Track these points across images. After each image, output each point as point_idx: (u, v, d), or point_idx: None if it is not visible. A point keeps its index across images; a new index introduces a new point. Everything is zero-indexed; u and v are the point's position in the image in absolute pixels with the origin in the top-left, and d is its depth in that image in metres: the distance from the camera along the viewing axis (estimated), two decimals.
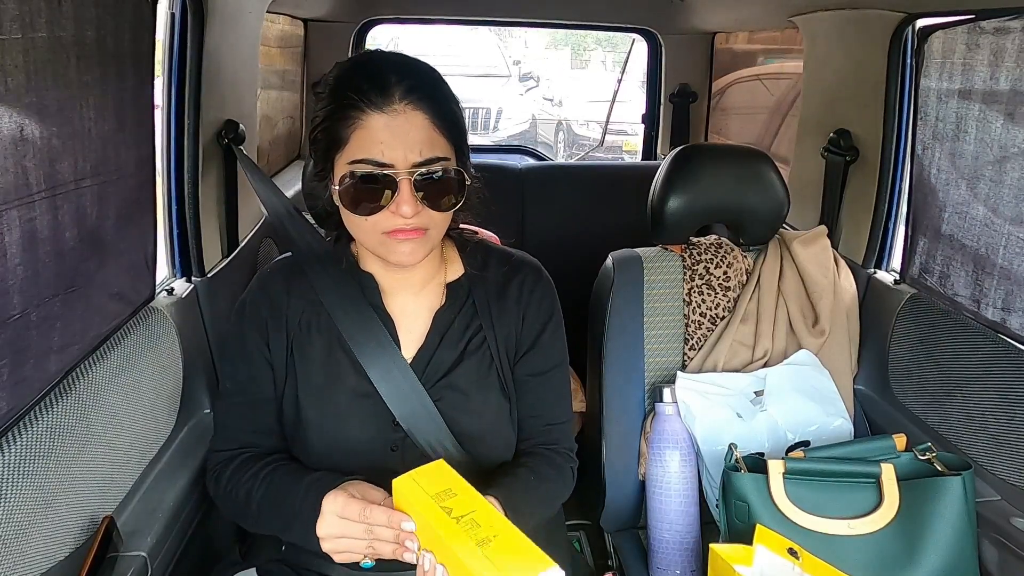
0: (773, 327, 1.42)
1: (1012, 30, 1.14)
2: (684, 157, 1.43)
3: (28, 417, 0.86)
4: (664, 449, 1.29)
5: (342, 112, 0.93)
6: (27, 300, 0.82)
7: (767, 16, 2.19)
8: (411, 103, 0.93)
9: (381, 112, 0.92)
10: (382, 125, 0.92)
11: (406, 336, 1.07)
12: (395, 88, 0.93)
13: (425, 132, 0.94)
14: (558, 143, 8.55)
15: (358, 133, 0.93)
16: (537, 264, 1.15)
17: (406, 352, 1.05)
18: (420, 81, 0.95)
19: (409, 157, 0.93)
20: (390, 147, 0.92)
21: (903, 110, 1.50)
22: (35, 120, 0.81)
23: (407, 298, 1.08)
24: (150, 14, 1.09)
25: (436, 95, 0.96)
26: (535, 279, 1.12)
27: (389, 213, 0.94)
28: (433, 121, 0.94)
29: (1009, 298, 1.18)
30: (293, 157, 2.58)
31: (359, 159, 0.93)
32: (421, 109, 0.93)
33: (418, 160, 0.93)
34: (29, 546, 0.84)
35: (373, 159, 0.92)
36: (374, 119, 0.92)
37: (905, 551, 1.07)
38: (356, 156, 0.93)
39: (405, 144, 0.92)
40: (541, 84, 10.54)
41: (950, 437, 1.28)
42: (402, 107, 0.92)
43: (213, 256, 1.47)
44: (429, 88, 0.96)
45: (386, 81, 0.93)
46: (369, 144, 0.92)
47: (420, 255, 0.99)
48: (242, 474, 1.03)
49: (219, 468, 1.07)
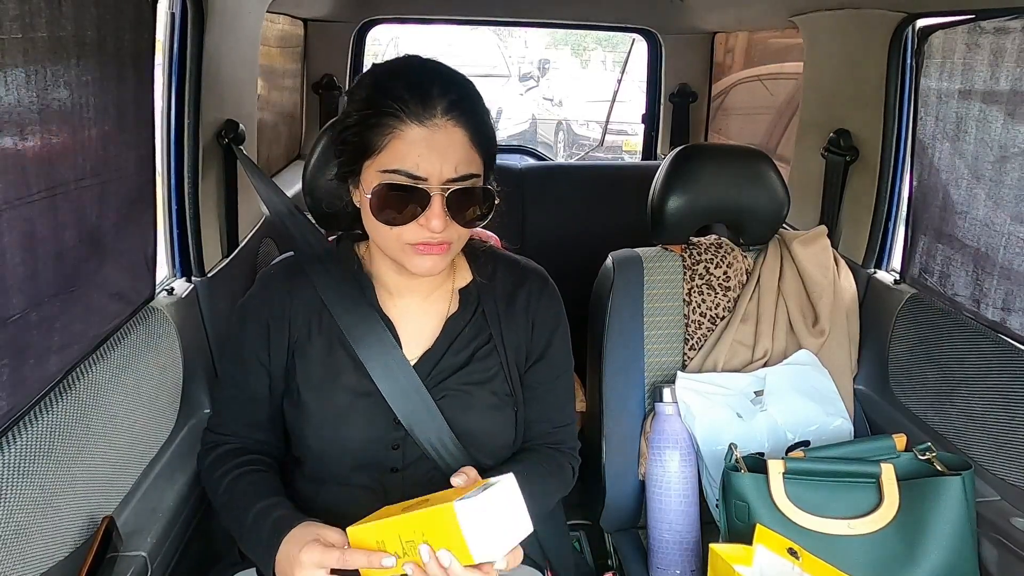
0: (773, 327, 1.42)
1: (1012, 30, 1.14)
2: (684, 157, 1.43)
3: (28, 417, 0.85)
4: (664, 449, 1.29)
5: (379, 119, 0.91)
6: (27, 300, 0.82)
7: (767, 16, 2.19)
8: (452, 119, 0.91)
9: (421, 125, 0.90)
10: (421, 138, 0.90)
11: (409, 338, 1.06)
12: (438, 101, 0.91)
13: (463, 150, 0.92)
14: (558, 143, 8.55)
15: (394, 143, 0.91)
16: (543, 272, 1.15)
17: (409, 353, 1.05)
18: (462, 96, 0.93)
19: (444, 172, 0.91)
20: (427, 160, 0.90)
21: (903, 110, 1.50)
22: (35, 120, 0.81)
23: (415, 301, 1.08)
24: (150, 14, 1.09)
25: (476, 111, 0.95)
26: (542, 288, 1.12)
27: (417, 226, 0.93)
28: (471, 138, 0.93)
29: (1009, 298, 1.18)
30: (293, 157, 2.58)
31: (393, 169, 0.91)
32: (461, 125, 0.92)
33: (453, 176, 0.92)
34: (29, 546, 0.84)
35: (408, 171, 0.91)
36: (413, 131, 0.90)
37: (905, 551, 1.07)
38: (390, 166, 0.91)
39: (442, 159, 0.91)
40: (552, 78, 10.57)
41: (950, 437, 1.28)
42: (443, 122, 0.91)
43: (213, 256, 1.47)
44: (471, 104, 0.94)
45: (429, 93, 0.91)
46: (405, 155, 0.91)
47: (440, 268, 0.99)
48: (217, 466, 1.06)
49: (207, 450, 1.10)
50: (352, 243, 1.11)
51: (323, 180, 1.20)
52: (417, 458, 1.03)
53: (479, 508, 0.77)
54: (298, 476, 1.09)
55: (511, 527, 0.79)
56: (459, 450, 1.03)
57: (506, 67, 9.81)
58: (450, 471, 1.02)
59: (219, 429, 1.11)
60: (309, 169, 1.21)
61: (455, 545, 0.77)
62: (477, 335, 1.08)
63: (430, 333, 1.07)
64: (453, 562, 0.79)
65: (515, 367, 1.09)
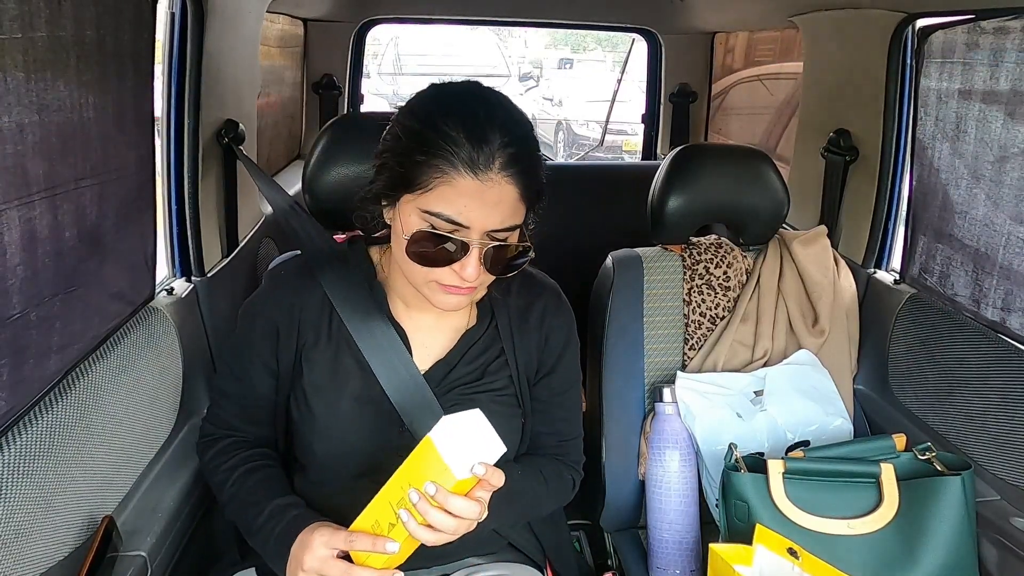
0: (773, 327, 1.42)
1: (1012, 30, 1.14)
2: (684, 157, 1.43)
3: (28, 417, 0.86)
4: (664, 449, 1.29)
5: (428, 158, 0.86)
6: (27, 300, 0.82)
7: (767, 16, 2.19)
8: (508, 176, 0.87)
9: (475, 178, 0.86)
10: (472, 190, 0.86)
11: (421, 348, 1.06)
12: (496, 155, 0.86)
13: (512, 205, 0.89)
14: (558, 143, 8.56)
15: (443, 188, 0.86)
16: (557, 288, 1.15)
17: (420, 363, 1.04)
18: (521, 150, 0.88)
19: (488, 223, 0.88)
20: (473, 212, 0.87)
21: (903, 110, 1.50)
22: (35, 120, 0.81)
23: (431, 316, 1.07)
24: (150, 14, 1.09)
25: (531, 169, 0.90)
26: (557, 304, 1.12)
27: (450, 271, 0.91)
28: (522, 195, 0.90)
29: (1009, 298, 1.18)
30: (293, 157, 2.58)
31: (436, 212, 0.87)
32: (515, 183, 0.88)
33: (496, 228, 0.89)
34: (29, 546, 0.84)
35: (451, 218, 0.87)
36: (465, 182, 0.86)
37: (905, 551, 1.07)
38: (434, 208, 0.87)
39: (488, 213, 0.87)
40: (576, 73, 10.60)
41: (950, 437, 1.28)
42: (498, 177, 0.86)
43: (213, 256, 1.47)
44: (528, 159, 0.90)
45: (488, 142, 0.86)
46: (451, 201, 0.87)
47: (464, 305, 0.99)
48: (222, 459, 1.06)
49: (206, 444, 1.10)
50: (367, 246, 1.08)
51: (323, 180, 1.20)
52: None
53: (449, 427, 0.81)
54: (301, 479, 1.08)
55: (484, 445, 0.82)
56: None
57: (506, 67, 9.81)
58: None
59: (218, 423, 1.10)
60: (309, 169, 1.21)
61: (436, 473, 0.81)
62: (489, 348, 1.07)
63: (443, 345, 1.07)
64: (439, 490, 0.80)
65: (525, 380, 1.09)
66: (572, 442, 1.16)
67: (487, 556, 1.14)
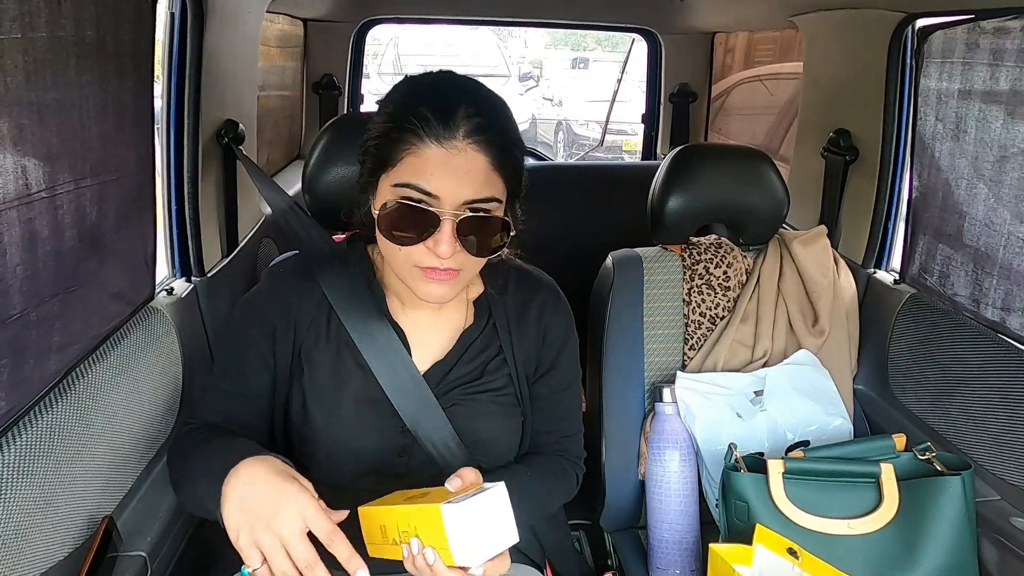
0: (773, 327, 1.42)
1: (1012, 30, 1.14)
2: (684, 157, 1.43)
3: (28, 417, 0.86)
4: (664, 449, 1.29)
5: (399, 134, 0.89)
6: (27, 300, 0.82)
7: (767, 16, 2.19)
8: (474, 143, 0.88)
9: (440, 146, 0.87)
10: (438, 159, 0.87)
11: (421, 348, 1.05)
12: (461, 123, 0.87)
13: (482, 174, 0.89)
14: (558, 143, 8.56)
15: (411, 158, 0.88)
16: (554, 284, 1.15)
17: (420, 364, 1.04)
18: (489, 121, 0.89)
19: (459, 195, 0.88)
20: (441, 180, 0.87)
21: (903, 110, 1.50)
22: (35, 120, 0.81)
23: (427, 314, 1.07)
24: (150, 14, 1.09)
25: (503, 138, 0.90)
26: (555, 302, 1.12)
27: (425, 248, 0.90)
28: (492, 164, 0.89)
29: (1009, 298, 1.18)
30: (293, 157, 2.58)
31: (405, 183, 0.88)
32: (483, 151, 0.88)
33: (469, 199, 0.88)
34: (29, 546, 0.84)
35: (420, 186, 0.88)
36: (432, 151, 0.87)
37: (905, 551, 1.07)
38: (403, 179, 0.89)
39: (458, 181, 0.87)
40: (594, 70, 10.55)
41: (950, 437, 1.28)
42: (464, 145, 0.87)
43: (213, 256, 1.47)
44: (497, 129, 0.90)
45: (452, 113, 0.87)
46: (419, 171, 0.88)
47: (450, 295, 0.96)
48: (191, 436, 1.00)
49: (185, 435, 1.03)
50: (366, 245, 1.08)
51: (323, 180, 1.20)
52: (422, 463, 1.02)
53: (464, 513, 0.78)
54: None
55: (495, 535, 0.80)
56: (463, 453, 1.03)
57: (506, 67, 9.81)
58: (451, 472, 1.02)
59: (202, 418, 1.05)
60: (309, 169, 1.21)
61: (440, 544, 0.78)
62: (487, 346, 1.07)
63: (443, 345, 1.06)
64: (437, 560, 0.79)
65: (524, 378, 1.09)
66: (573, 438, 1.16)
67: None
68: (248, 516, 0.79)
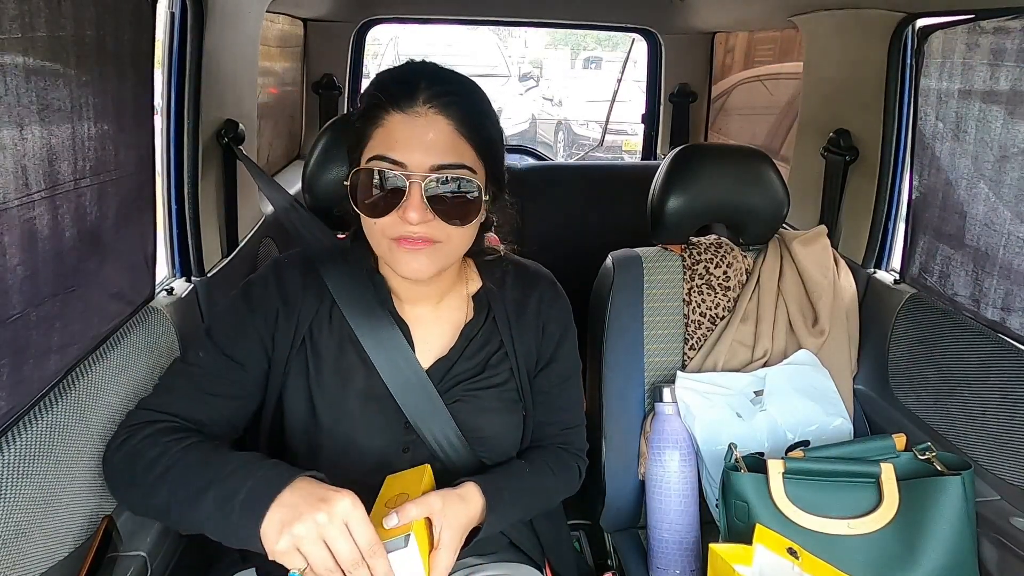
0: (773, 327, 1.42)
1: (1012, 30, 1.14)
2: (684, 157, 1.43)
3: (28, 417, 0.85)
4: (664, 449, 1.29)
5: (368, 112, 0.94)
6: (27, 300, 0.82)
7: (767, 16, 2.19)
8: (434, 107, 0.91)
9: (402, 112, 0.91)
10: (401, 124, 0.91)
11: (423, 345, 1.06)
12: (421, 91, 0.91)
13: (447, 137, 0.91)
14: (558, 143, 8.56)
15: (378, 131, 0.93)
16: (552, 277, 1.15)
17: (423, 360, 1.04)
18: (448, 88, 0.93)
19: (426, 160, 0.90)
20: (406, 146, 0.90)
21: (903, 110, 1.50)
22: (35, 120, 0.81)
23: (427, 309, 1.07)
24: (150, 14, 1.09)
25: (464, 103, 0.94)
26: (553, 294, 1.13)
27: (396, 217, 0.92)
28: (458, 129, 0.92)
29: (1009, 298, 1.18)
30: (293, 157, 2.58)
31: (374, 155, 0.92)
32: (444, 114, 0.91)
33: (436, 164, 0.90)
34: (29, 546, 0.84)
35: (388, 156, 0.91)
36: (395, 119, 0.91)
37: (905, 551, 1.07)
38: (373, 152, 0.93)
39: (422, 146, 0.90)
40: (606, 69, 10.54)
41: (950, 437, 1.28)
42: (424, 110, 0.91)
43: (213, 256, 1.47)
44: (457, 96, 0.93)
45: (413, 83, 0.92)
46: (386, 142, 0.92)
47: (430, 271, 0.95)
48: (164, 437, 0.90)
49: (136, 428, 0.93)
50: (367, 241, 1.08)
51: (323, 179, 1.20)
52: (424, 459, 1.03)
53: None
54: None
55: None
56: (465, 448, 1.04)
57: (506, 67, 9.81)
58: (455, 469, 1.03)
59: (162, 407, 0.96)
60: (309, 168, 1.21)
61: None
62: (488, 341, 1.08)
63: (445, 341, 1.07)
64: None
65: (525, 372, 1.09)
66: (575, 430, 1.16)
67: (487, 556, 1.14)
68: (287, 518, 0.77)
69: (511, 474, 1.04)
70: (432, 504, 0.87)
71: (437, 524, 0.88)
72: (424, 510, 0.87)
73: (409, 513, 0.85)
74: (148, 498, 0.88)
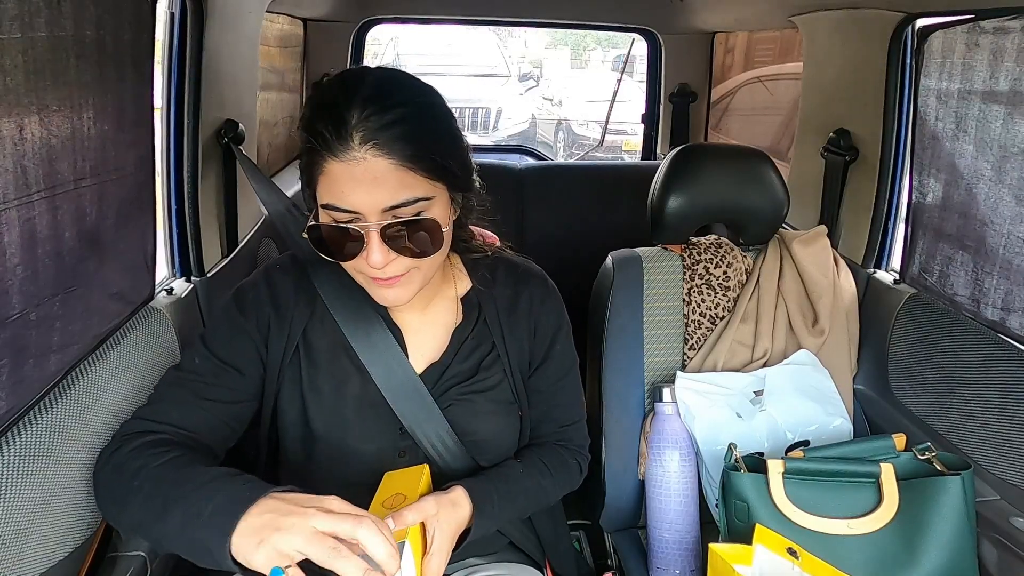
0: (773, 327, 1.42)
1: (1012, 30, 1.14)
2: (684, 157, 1.43)
3: (28, 417, 0.86)
4: (664, 449, 1.29)
5: (308, 155, 0.88)
6: (27, 300, 0.82)
7: (767, 16, 2.19)
8: (371, 149, 0.84)
9: (341, 160, 0.84)
10: (342, 173, 0.85)
11: (416, 350, 1.05)
12: (354, 133, 0.83)
13: (392, 176, 0.85)
14: (558, 143, 8.56)
15: (322, 178, 0.87)
16: (543, 274, 1.15)
17: (416, 365, 1.04)
18: (384, 119, 0.84)
19: (376, 204, 0.85)
20: (352, 194, 0.85)
21: (903, 110, 1.50)
22: (34, 120, 0.81)
23: (415, 314, 1.07)
24: (150, 14, 1.09)
25: (405, 135, 0.85)
26: (544, 292, 1.12)
27: (362, 261, 0.89)
28: (402, 164, 0.85)
29: (1009, 298, 1.18)
30: (293, 157, 2.58)
31: (325, 204, 0.88)
32: (384, 153, 0.84)
33: (387, 205, 0.85)
34: (29, 546, 0.84)
35: (337, 205, 0.86)
36: (335, 167, 0.85)
37: (904, 551, 1.07)
38: (323, 200, 0.88)
39: (368, 191, 0.84)
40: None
41: (950, 437, 1.28)
42: (362, 152, 0.84)
43: (213, 256, 1.47)
44: (395, 129, 0.84)
45: (343, 121, 0.84)
46: (331, 190, 0.86)
47: (407, 296, 0.94)
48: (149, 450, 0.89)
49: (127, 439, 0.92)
50: None
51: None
52: (421, 463, 1.03)
53: None
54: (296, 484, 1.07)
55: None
56: (461, 451, 1.03)
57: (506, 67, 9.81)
58: (451, 472, 1.03)
59: (156, 416, 0.95)
60: None
61: None
62: (480, 344, 1.07)
63: (437, 345, 1.06)
64: None
65: (519, 372, 1.09)
66: (574, 427, 1.15)
67: (487, 556, 1.14)
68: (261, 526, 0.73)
69: (503, 477, 1.03)
70: (427, 509, 0.88)
71: (431, 528, 0.88)
72: (420, 516, 0.86)
73: (406, 519, 0.85)
74: (123, 512, 0.86)
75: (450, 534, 0.91)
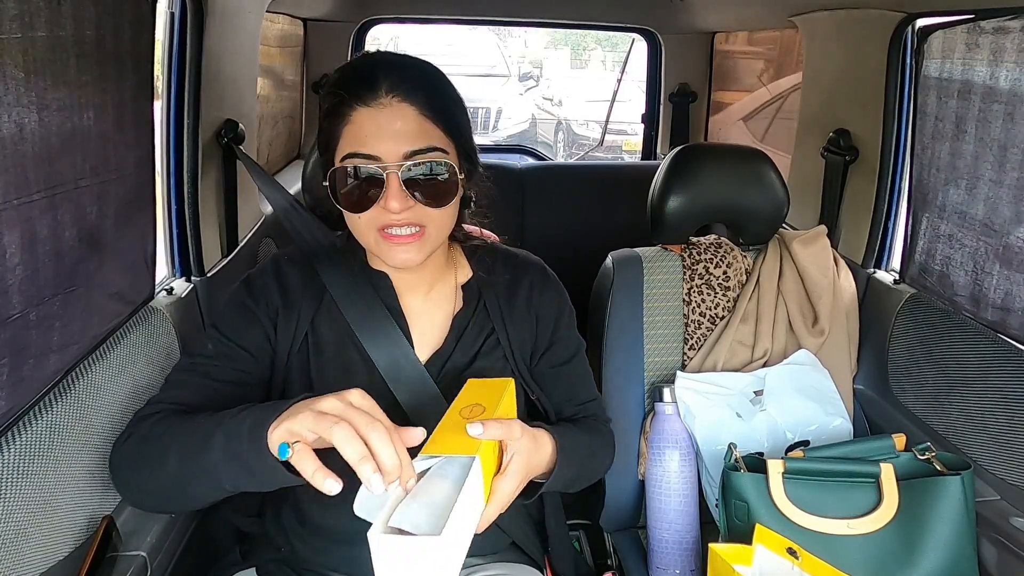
0: (773, 327, 1.42)
1: (1012, 30, 1.14)
2: (684, 157, 1.43)
3: (28, 417, 0.86)
4: (664, 449, 1.29)
5: (334, 110, 0.93)
6: (27, 300, 0.82)
7: (767, 16, 2.19)
8: (398, 95, 0.91)
9: (367, 106, 0.91)
10: (367, 119, 0.91)
11: (420, 337, 1.06)
12: (382, 82, 0.91)
13: (414, 123, 0.92)
14: (558, 143, 8.56)
15: (347, 129, 0.93)
16: (541, 263, 1.16)
17: (420, 353, 1.05)
18: (409, 75, 0.93)
19: (398, 149, 0.91)
20: (376, 139, 0.91)
21: (903, 110, 1.50)
22: (34, 120, 0.81)
23: (417, 300, 1.08)
24: (150, 13, 1.09)
25: (427, 88, 0.94)
26: (543, 279, 1.13)
27: (380, 209, 0.92)
28: (423, 113, 0.92)
29: (1009, 298, 1.18)
30: (293, 157, 2.58)
31: (348, 153, 0.92)
32: (408, 101, 0.92)
33: (408, 150, 0.91)
34: (29, 546, 0.84)
35: (360, 152, 0.91)
36: (361, 114, 0.91)
37: (904, 551, 1.07)
38: (346, 151, 0.93)
39: (392, 136, 0.91)
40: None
41: (950, 437, 1.28)
42: (388, 100, 0.91)
43: (213, 256, 1.47)
44: (418, 81, 0.94)
45: (373, 76, 0.92)
46: (356, 138, 0.92)
47: (419, 258, 0.97)
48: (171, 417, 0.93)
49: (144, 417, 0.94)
50: None
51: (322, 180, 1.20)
52: None
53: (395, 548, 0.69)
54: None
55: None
56: None
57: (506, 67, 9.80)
58: None
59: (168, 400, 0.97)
60: (309, 168, 1.21)
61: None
62: (481, 330, 1.08)
63: (439, 333, 1.07)
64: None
65: (521, 359, 1.09)
66: (592, 403, 1.15)
67: (487, 556, 1.14)
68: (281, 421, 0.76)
69: (564, 430, 1.02)
70: (513, 430, 0.83)
71: (510, 451, 0.85)
72: (504, 434, 0.82)
73: (491, 431, 0.80)
74: (158, 471, 0.87)
75: (526, 465, 0.86)
